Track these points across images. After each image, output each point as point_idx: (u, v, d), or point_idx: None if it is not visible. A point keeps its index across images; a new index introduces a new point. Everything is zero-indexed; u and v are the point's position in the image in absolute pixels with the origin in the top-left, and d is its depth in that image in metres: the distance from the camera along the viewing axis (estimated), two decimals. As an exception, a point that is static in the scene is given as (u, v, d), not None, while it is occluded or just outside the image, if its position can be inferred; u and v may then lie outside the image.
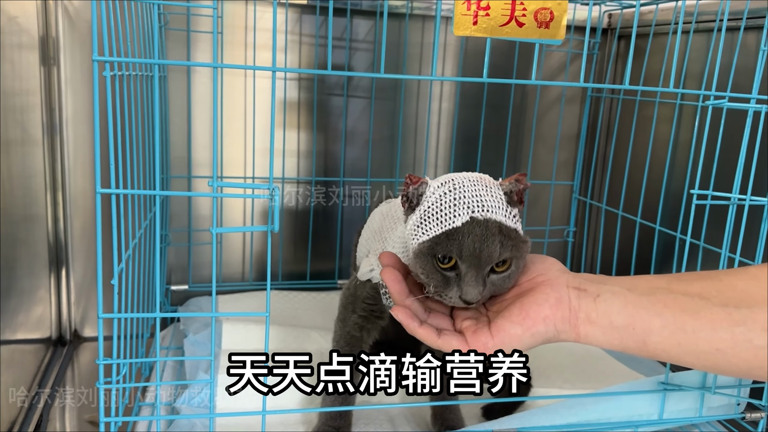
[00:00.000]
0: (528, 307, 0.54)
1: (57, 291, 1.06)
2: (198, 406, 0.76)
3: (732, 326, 0.50)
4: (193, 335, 0.95)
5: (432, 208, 0.57)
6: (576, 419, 0.72)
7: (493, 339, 0.54)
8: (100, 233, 0.57)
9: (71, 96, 1.02)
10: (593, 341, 0.54)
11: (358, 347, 0.75)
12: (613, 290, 0.54)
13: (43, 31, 0.98)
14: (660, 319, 0.52)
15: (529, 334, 0.54)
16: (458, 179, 0.59)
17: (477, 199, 0.57)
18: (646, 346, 0.53)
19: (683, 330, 0.51)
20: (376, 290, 0.73)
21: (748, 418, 0.77)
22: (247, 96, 1.11)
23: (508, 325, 0.54)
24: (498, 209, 0.57)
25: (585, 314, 0.54)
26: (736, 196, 0.71)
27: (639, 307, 0.53)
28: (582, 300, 0.54)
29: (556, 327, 0.54)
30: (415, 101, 1.20)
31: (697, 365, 0.53)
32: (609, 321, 0.53)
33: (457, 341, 0.55)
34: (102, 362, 0.60)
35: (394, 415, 0.79)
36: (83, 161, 1.04)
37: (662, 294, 0.53)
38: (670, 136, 1.02)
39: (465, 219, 0.55)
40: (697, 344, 0.51)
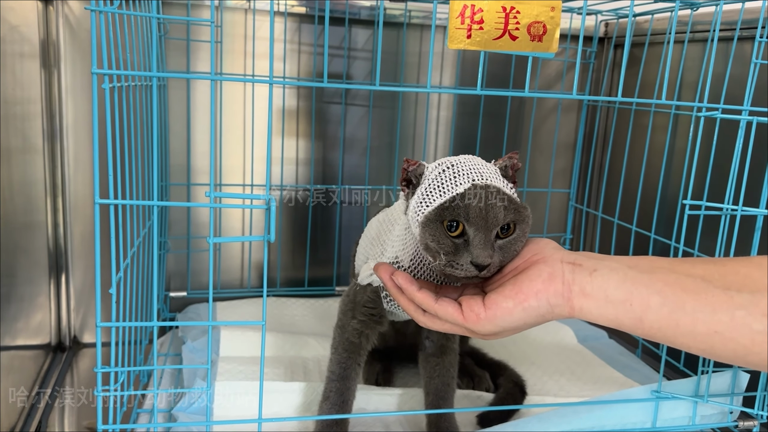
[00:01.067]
0: (521, 282, 0.55)
1: (57, 297, 1.07)
2: (195, 413, 0.77)
3: (732, 309, 0.49)
4: (191, 342, 0.95)
5: (434, 183, 0.60)
6: (569, 427, 0.73)
7: (486, 311, 0.55)
8: (98, 243, 0.58)
9: (72, 104, 1.03)
10: (587, 315, 0.54)
11: (357, 354, 0.75)
12: (612, 266, 0.54)
13: (44, 39, 0.99)
14: (659, 297, 0.51)
15: (521, 308, 0.54)
16: (454, 159, 0.61)
17: (475, 170, 0.59)
18: (642, 324, 0.52)
19: (683, 310, 0.51)
20: (376, 294, 0.74)
21: (741, 427, 0.78)
22: (246, 104, 1.12)
23: (501, 299, 0.55)
24: (496, 179, 0.60)
25: (579, 287, 0.54)
26: (729, 207, 0.72)
27: (638, 284, 0.52)
28: (576, 274, 0.54)
29: (549, 301, 0.54)
30: (413, 109, 1.21)
31: (692, 347, 0.52)
32: (605, 295, 0.53)
33: (453, 308, 0.56)
34: (100, 370, 0.60)
35: (390, 422, 0.80)
36: (83, 169, 1.05)
37: (663, 273, 0.52)
38: (665, 145, 1.02)
39: (467, 185, 0.58)
40: (695, 325, 0.50)
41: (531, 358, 0.99)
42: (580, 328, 1.13)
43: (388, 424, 0.79)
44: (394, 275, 0.59)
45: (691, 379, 0.76)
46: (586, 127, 1.27)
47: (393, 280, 0.60)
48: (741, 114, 0.70)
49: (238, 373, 0.86)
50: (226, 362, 0.88)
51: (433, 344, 0.77)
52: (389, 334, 0.84)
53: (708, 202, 0.72)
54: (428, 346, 0.78)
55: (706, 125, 0.74)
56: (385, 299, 0.73)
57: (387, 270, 0.61)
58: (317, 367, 0.92)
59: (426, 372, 0.78)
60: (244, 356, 0.92)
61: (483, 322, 0.55)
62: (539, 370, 0.95)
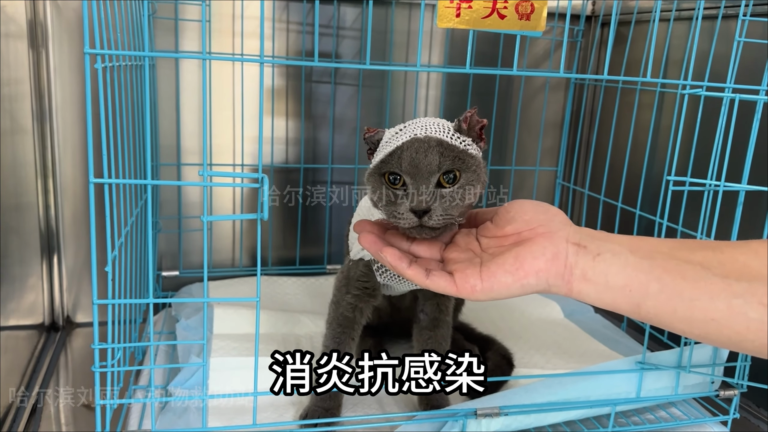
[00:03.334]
0: (523, 258, 0.54)
1: (49, 278, 1.08)
2: (191, 388, 0.78)
3: (730, 298, 0.50)
4: (185, 320, 0.96)
5: (384, 143, 0.62)
6: (555, 397, 0.75)
7: (482, 283, 0.54)
8: (93, 222, 0.59)
9: (60, 84, 1.02)
10: (585, 298, 0.55)
11: (351, 328, 0.77)
12: (614, 250, 0.54)
13: (31, 19, 0.99)
14: (658, 284, 0.52)
15: (519, 284, 0.54)
16: (410, 121, 0.63)
17: (422, 127, 0.61)
18: (639, 309, 0.53)
19: (680, 297, 0.51)
20: (369, 268, 0.75)
21: (722, 396, 0.80)
22: (235, 83, 1.12)
23: (500, 273, 0.54)
24: (442, 132, 0.61)
25: (581, 271, 0.54)
26: (711, 183, 0.73)
27: (638, 270, 0.52)
28: (580, 257, 0.54)
29: (548, 281, 0.54)
30: (402, 88, 1.21)
31: (688, 333, 0.53)
32: (605, 281, 0.53)
33: (445, 282, 0.56)
34: (97, 347, 0.61)
35: (383, 397, 0.81)
36: (73, 149, 1.05)
37: (663, 259, 0.53)
38: (651, 123, 1.04)
39: (406, 139, 0.60)
40: (692, 312, 0.51)
41: (518, 333, 1.01)
42: (566, 303, 1.15)
43: (381, 397, 0.81)
44: (383, 252, 0.58)
45: (674, 351, 0.78)
46: (573, 105, 1.28)
47: (383, 257, 0.59)
48: (724, 91, 0.71)
49: (232, 350, 0.87)
50: (220, 339, 0.89)
51: (427, 317, 0.79)
52: (384, 309, 0.86)
53: (692, 178, 0.74)
54: (422, 319, 0.79)
55: (691, 103, 0.75)
56: (377, 272, 0.74)
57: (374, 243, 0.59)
58: (310, 344, 0.93)
59: (419, 344, 0.79)
60: (237, 333, 0.93)
61: (478, 293, 0.55)
62: (526, 345, 0.97)
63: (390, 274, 0.73)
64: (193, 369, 0.80)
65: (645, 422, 0.79)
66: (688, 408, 0.83)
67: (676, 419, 0.80)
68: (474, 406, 0.72)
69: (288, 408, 0.77)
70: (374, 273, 0.74)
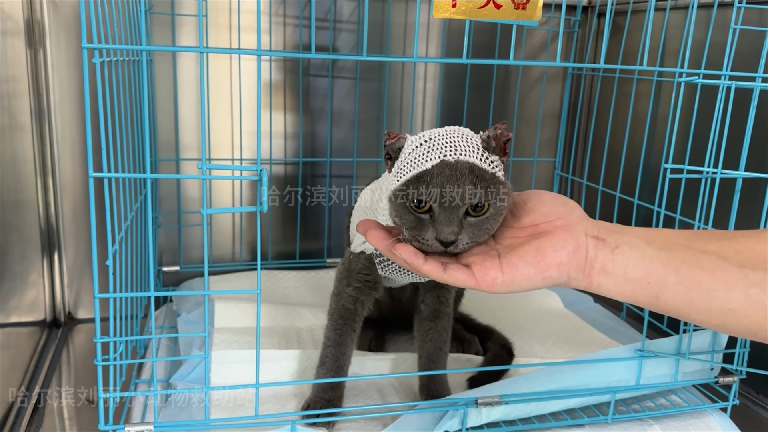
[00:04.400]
0: (545, 250, 0.54)
1: (50, 274, 1.08)
2: (193, 382, 0.79)
3: (747, 287, 0.50)
4: (186, 315, 0.97)
5: (408, 157, 0.58)
6: (555, 386, 0.75)
7: (503, 275, 0.54)
8: (93, 216, 0.59)
9: (58, 81, 1.02)
10: (604, 291, 0.55)
11: (352, 320, 0.77)
12: (631, 242, 0.54)
13: (28, 16, 0.99)
14: (676, 275, 0.52)
15: (541, 277, 0.54)
16: (435, 132, 0.60)
17: (450, 144, 0.58)
18: (657, 301, 0.53)
19: (698, 287, 0.51)
20: (370, 261, 0.75)
21: (721, 382, 0.81)
22: (233, 78, 1.12)
23: (522, 265, 0.54)
24: (472, 152, 0.57)
25: (601, 265, 0.54)
26: (709, 170, 0.74)
27: (656, 262, 0.53)
28: (599, 250, 0.54)
29: (569, 274, 0.54)
30: (399, 81, 1.22)
31: (706, 323, 0.53)
32: (624, 273, 0.53)
33: (464, 275, 0.54)
34: (99, 340, 0.62)
35: (384, 387, 0.82)
36: (72, 146, 1.05)
37: (680, 250, 0.53)
38: (648, 112, 1.04)
39: (436, 161, 0.57)
40: (710, 302, 0.51)
41: (518, 323, 1.02)
42: (566, 294, 1.15)
43: (382, 387, 0.82)
44: (396, 249, 0.56)
45: (673, 338, 0.78)
46: (570, 96, 1.29)
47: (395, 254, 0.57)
48: (721, 79, 0.72)
49: (233, 343, 0.87)
50: (221, 333, 0.89)
51: (428, 308, 0.79)
52: (385, 301, 0.86)
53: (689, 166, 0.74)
54: (423, 310, 0.79)
55: (688, 91, 0.75)
56: (379, 265, 0.74)
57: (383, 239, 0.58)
58: (311, 336, 0.94)
59: (419, 335, 0.80)
60: (238, 327, 0.94)
61: (498, 286, 0.54)
62: (526, 335, 0.98)
63: (393, 267, 0.73)
64: (195, 363, 0.81)
65: (645, 410, 0.79)
66: (687, 395, 0.83)
67: (676, 406, 0.80)
68: (474, 395, 0.72)
69: (290, 399, 0.78)
70: (375, 266, 0.74)
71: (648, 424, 0.77)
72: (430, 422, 0.72)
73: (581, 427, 0.76)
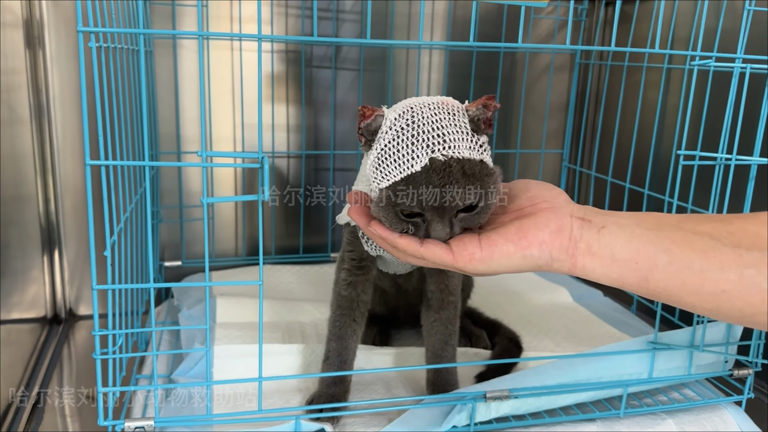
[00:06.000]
0: (526, 228, 0.53)
1: (50, 270, 1.07)
2: (195, 377, 0.77)
3: (741, 268, 0.48)
4: (187, 310, 0.95)
5: (389, 147, 0.53)
6: (566, 379, 0.73)
7: (482, 251, 0.52)
8: (91, 205, 0.57)
9: (57, 75, 1.01)
10: (590, 274, 0.52)
11: (350, 308, 0.74)
12: (620, 222, 0.52)
13: (27, 9, 0.98)
14: (667, 255, 0.50)
15: (521, 255, 0.52)
16: (417, 108, 0.54)
17: (437, 133, 0.52)
18: (647, 283, 0.51)
19: (690, 268, 0.49)
20: (354, 235, 0.72)
21: (736, 375, 0.79)
22: (234, 71, 1.10)
23: (501, 241, 0.52)
24: (462, 141, 0.53)
25: (586, 245, 0.52)
26: (722, 156, 0.72)
27: (645, 242, 0.51)
28: (585, 230, 0.52)
29: (551, 254, 0.52)
30: (404, 73, 1.20)
31: (698, 307, 0.51)
32: (611, 253, 0.51)
33: (440, 249, 0.53)
34: (98, 333, 0.60)
35: (390, 381, 0.80)
36: (72, 141, 1.04)
37: (671, 230, 0.51)
38: (657, 102, 1.02)
39: (424, 161, 0.52)
40: (702, 284, 0.49)
41: (527, 317, 1.00)
42: (575, 288, 1.13)
43: (388, 381, 0.80)
44: (371, 225, 0.55)
45: (687, 330, 0.76)
46: (578, 86, 1.26)
47: (371, 231, 0.56)
48: (734, 62, 0.70)
49: (236, 338, 0.86)
50: (223, 328, 0.88)
51: (433, 296, 0.76)
52: (390, 291, 0.84)
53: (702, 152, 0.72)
54: (429, 298, 0.76)
55: (699, 77, 0.73)
56: (362, 239, 0.71)
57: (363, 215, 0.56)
58: (314, 331, 0.92)
59: (426, 327, 0.77)
60: (240, 322, 0.92)
61: (476, 263, 0.52)
62: (535, 329, 0.96)
63: None
64: (197, 358, 0.79)
65: (658, 404, 0.77)
66: (701, 389, 0.81)
67: (689, 400, 0.78)
68: (483, 389, 0.70)
69: (294, 394, 0.76)
70: (360, 242, 0.71)
71: (661, 419, 0.75)
72: (437, 417, 0.70)
73: (593, 422, 0.74)
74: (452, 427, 0.69)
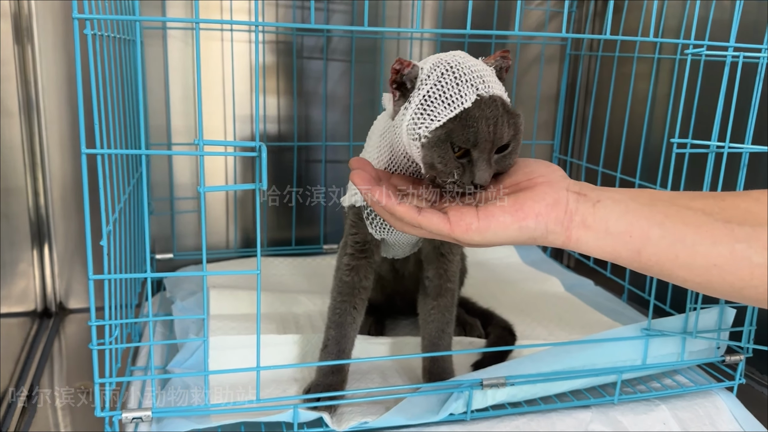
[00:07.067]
0: (523, 200, 0.54)
1: (40, 263, 1.06)
2: (191, 368, 0.77)
3: (733, 242, 0.49)
4: (180, 302, 0.95)
5: (434, 90, 0.55)
6: (561, 366, 0.74)
7: (479, 221, 0.53)
8: (86, 195, 0.57)
9: (46, 67, 1.00)
10: (584, 247, 0.53)
11: (351, 295, 0.73)
12: (614, 197, 0.53)
13: (15, 2, 0.96)
14: (660, 229, 0.51)
15: (518, 226, 0.53)
16: (449, 57, 0.57)
17: (477, 74, 0.55)
18: (640, 256, 0.52)
19: (682, 242, 0.50)
20: (359, 216, 0.71)
21: (728, 361, 0.80)
22: (224, 62, 1.10)
23: (498, 212, 0.53)
24: (496, 83, 0.56)
25: (581, 218, 0.53)
26: (714, 144, 0.72)
27: (639, 216, 0.52)
28: (580, 204, 0.53)
29: (547, 226, 0.53)
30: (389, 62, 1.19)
31: (688, 281, 0.52)
32: (605, 227, 0.52)
33: (438, 218, 0.54)
34: (94, 323, 0.60)
35: (386, 370, 0.80)
36: (61, 134, 1.03)
37: (664, 205, 0.52)
38: (648, 92, 1.03)
39: (473, 98, 0.54)
40: (694, 258, 0.50)
41: (520, 307, 1.00)
42: (566, 277, 1.14)
43: (385, 371, 0.80)
44: (371, 192, 0.55)
45: (680, 317, 0.77)
46: (568, 77, 1.27)
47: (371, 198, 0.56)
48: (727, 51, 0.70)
49: (231, 330, 0.85)
50: (218, 320, 0.87)
51: (432, 283, 0.76)
52: (387, 277, 0.84)
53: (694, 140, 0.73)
54: (427, 286, 0.76)
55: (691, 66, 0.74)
56: (366, 220, 0.70)
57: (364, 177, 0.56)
58: (309, 323, 0.92)
59: (422, 315, 0.77)
60: (234, 314, 0.92)
61: (472, 233, 0.53)
62: (528, 318, 0.96)
63: (381, 222, 0.70)
64: (192, 348, 0.79)
65: (651, 390, 0.78)
66: (693, 375, 0.82)
67: (682, 386, 0.79)
68: (479, 377, 0.71)
69: (291, 384, 0.76)
70: (365, 223, 0.71)
71: (654, 405, 0.76)
72: (434, 405, 0.70)
73: (587, 408, 0.75)
74: (449, 414, 0.70)
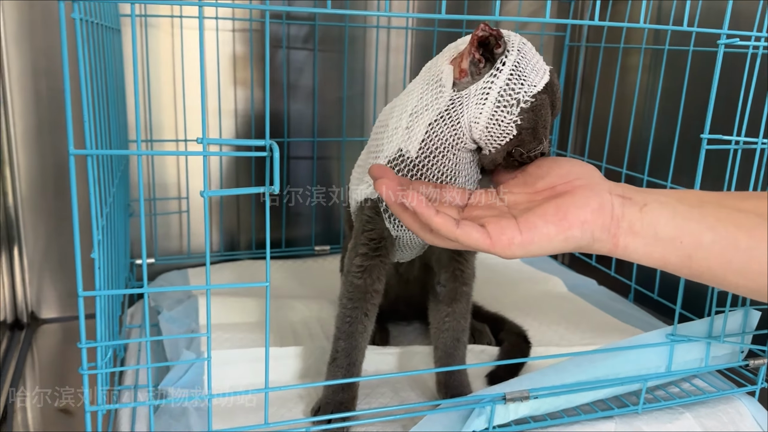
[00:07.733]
0: (566, 208, 0.50)
1: (10, 271, 0.98)
2: (185, 387, 0.70)
3: None
4: (167, 311, 0.88)
5: (521, 57, 0.57)
6: (585, 376, 0.70)
7: (521, 235, 0.49)
8: (75, 201, 0.50)
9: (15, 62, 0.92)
10: (632, 254, 0.50)
11: (363, 300, 0.68)
12: (661, 200, 0.50)
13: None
14: (711, 234, 0.48)
15: (563, 237, 0.49)
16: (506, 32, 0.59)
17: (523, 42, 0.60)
18: (690, 262, 0.49)
19: (736, 247, 0.48)
20: (375, 211, 0.66)
21: (752, 365, 0.77)
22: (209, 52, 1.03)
23: (541, 223, 0.49)
24: None
25: (628, 224, 0.50)
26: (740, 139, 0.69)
27: (689, 219, 0.49)
28: (626, 208, 0.50)
29: (593, 234, 0.50)
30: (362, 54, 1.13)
31: (741, 287, 0.49)
32: (654, 232, 0.49)
33: (478, 233, 0.50)
34: (84, 345, 0.53)
35: (397, 384, 0.75)
36: (31, 132, 0.95)
37: (713, 208, 0.49)
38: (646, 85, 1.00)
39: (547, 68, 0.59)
40: (749, 263, 0.47)
41: (524, 310, 0.96)
42: (568, 277, 1.10)
43: (395, 384, 0.74)
44: (406, 196, 0.50)
45: (704, 321, 0.74)
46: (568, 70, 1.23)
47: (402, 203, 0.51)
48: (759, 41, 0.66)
49: (225, 341, 0.80)
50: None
51: (445, 289, 0.71)
52: (391, 282, 0.78)
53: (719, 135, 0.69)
54: (440, 292, 0.72)
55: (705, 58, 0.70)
56: (385, 213, 0.65)
57: (391, 185, 0.52)
58: (306, 330, 0.86)
59: (435, 323, 0.72)
60: (225, 323, 0.86)
61: (515, 247, 0.49)
62: (535, 321, 0.92)
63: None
64: (185, 366, 0.72)
65: (674, 397, 0.74)
66: (712, 379, 0.79)
67: (703, 392, 0.76)
68: (501, 391, 0.66)
69: (296, 402, 0.70)
70: (382, 217, 0.66)
71: (679, 413, 0.72)
72: (455, 422, 0.65)
73: (610, 419, 0.71)
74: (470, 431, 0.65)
